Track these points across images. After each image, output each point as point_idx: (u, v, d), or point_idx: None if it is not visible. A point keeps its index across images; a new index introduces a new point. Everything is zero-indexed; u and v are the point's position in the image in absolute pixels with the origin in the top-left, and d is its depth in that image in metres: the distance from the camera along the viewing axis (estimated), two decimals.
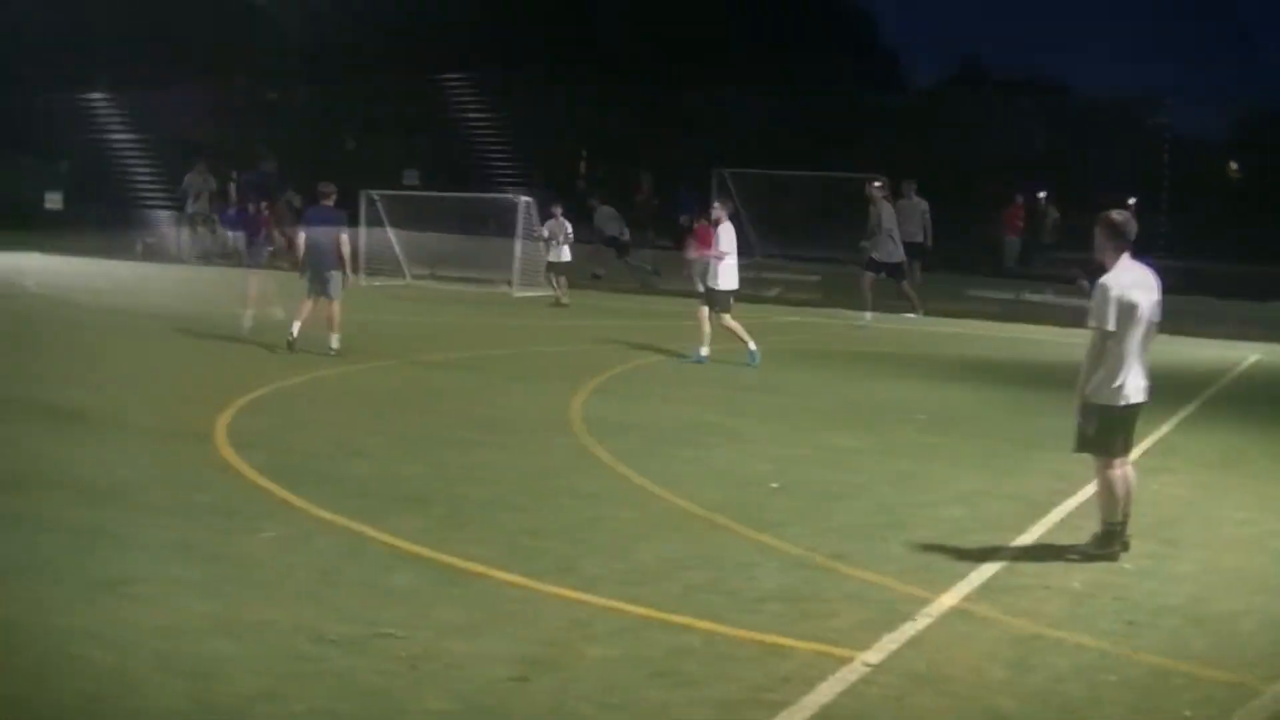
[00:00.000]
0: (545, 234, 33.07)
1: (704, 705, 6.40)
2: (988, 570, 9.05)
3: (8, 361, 18.02)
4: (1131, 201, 32.43)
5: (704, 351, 20.86)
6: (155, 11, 55.70)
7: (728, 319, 21.05)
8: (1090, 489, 11.03)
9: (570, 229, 33.16)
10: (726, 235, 20.92)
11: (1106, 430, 9.42)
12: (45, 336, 21.28)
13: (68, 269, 40.67)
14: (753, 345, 20.79)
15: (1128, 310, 9.25)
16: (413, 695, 6.34)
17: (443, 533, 9.44)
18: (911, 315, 30.49)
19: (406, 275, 37.61)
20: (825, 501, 11.11)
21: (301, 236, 20.11)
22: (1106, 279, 9.35)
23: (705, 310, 21.04)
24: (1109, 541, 9.48)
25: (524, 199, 35.81)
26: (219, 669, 6.57)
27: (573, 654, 6.99)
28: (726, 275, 20.98)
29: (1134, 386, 9.38)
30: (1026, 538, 10.12)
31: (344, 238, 19.88)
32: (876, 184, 29.57)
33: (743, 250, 22.20)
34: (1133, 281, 9.36)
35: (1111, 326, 9.20)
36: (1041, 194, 40.68)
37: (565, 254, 32.98)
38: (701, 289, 36.15)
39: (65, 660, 6.59)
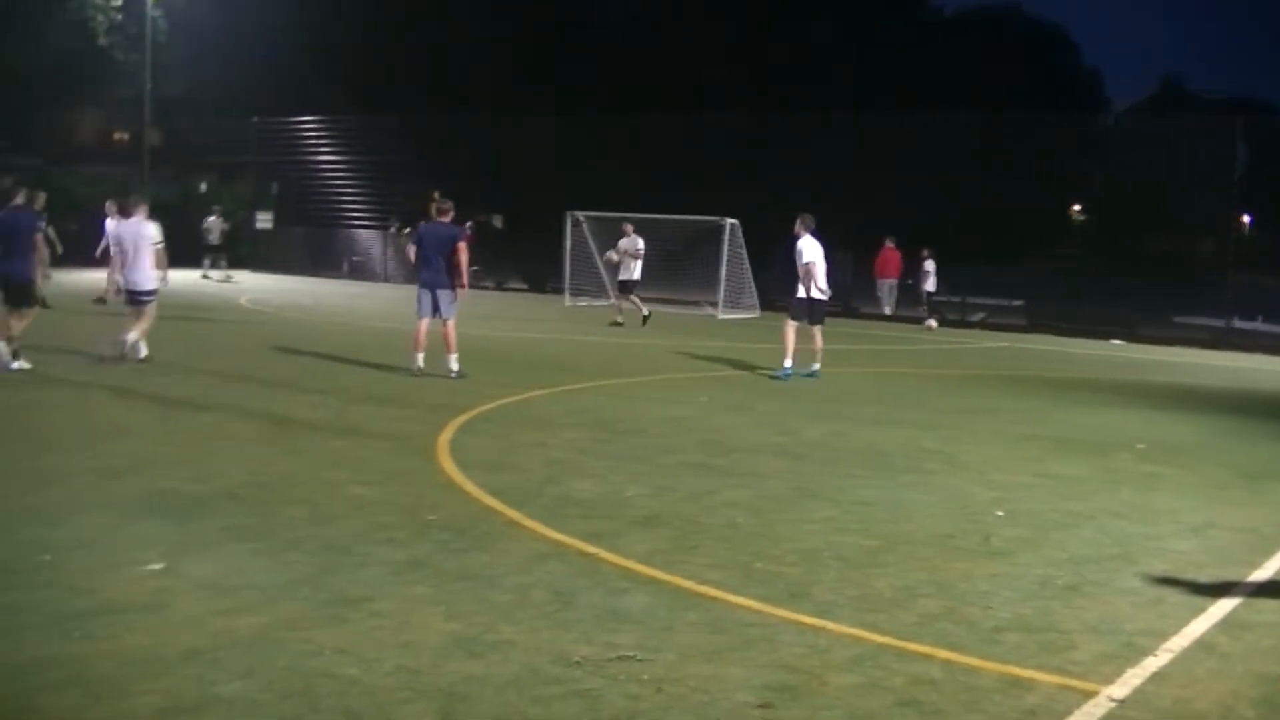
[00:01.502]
0: (619, 254, 32.75)
1: None
2: (1225, 605, 8.85)
3: (232, 378, 18.43)
4: None
5: (788, 364, 21.17)
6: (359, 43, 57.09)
7: (795, 329, 21.27)
8: None
9: (642, 245, 32.83)
10: (810, 247, 20.98)
11: None
12: (264, 352, 21.70)
13: (278, 286, 41.61)
14: (788, 364, 21.11)
15: None
16: (661, 719, 6.33)
17: (674, 555, 9.46)
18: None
19: (612, 297, 37.86)
20: (1052, 531, 10.95)
21: (411, 250, 19.92)
22: None
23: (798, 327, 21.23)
24: None
25: (730, 221, 35.80)
26: (465, 689, 6.62)
27: (815, 681, 6.95)
28: (822, 282, 21.10)
29: None
30: (1261, 572, 9.89)
31: (463, 259, 19.56)
32: None
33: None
34: None
35: None
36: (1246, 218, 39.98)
37: (636, 272, 32.62)
38: (890, 310, 36.10)
39: (319, 677, 6.69)
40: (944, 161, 40.81)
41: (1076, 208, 49.84)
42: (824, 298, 21.29)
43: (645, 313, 31.54)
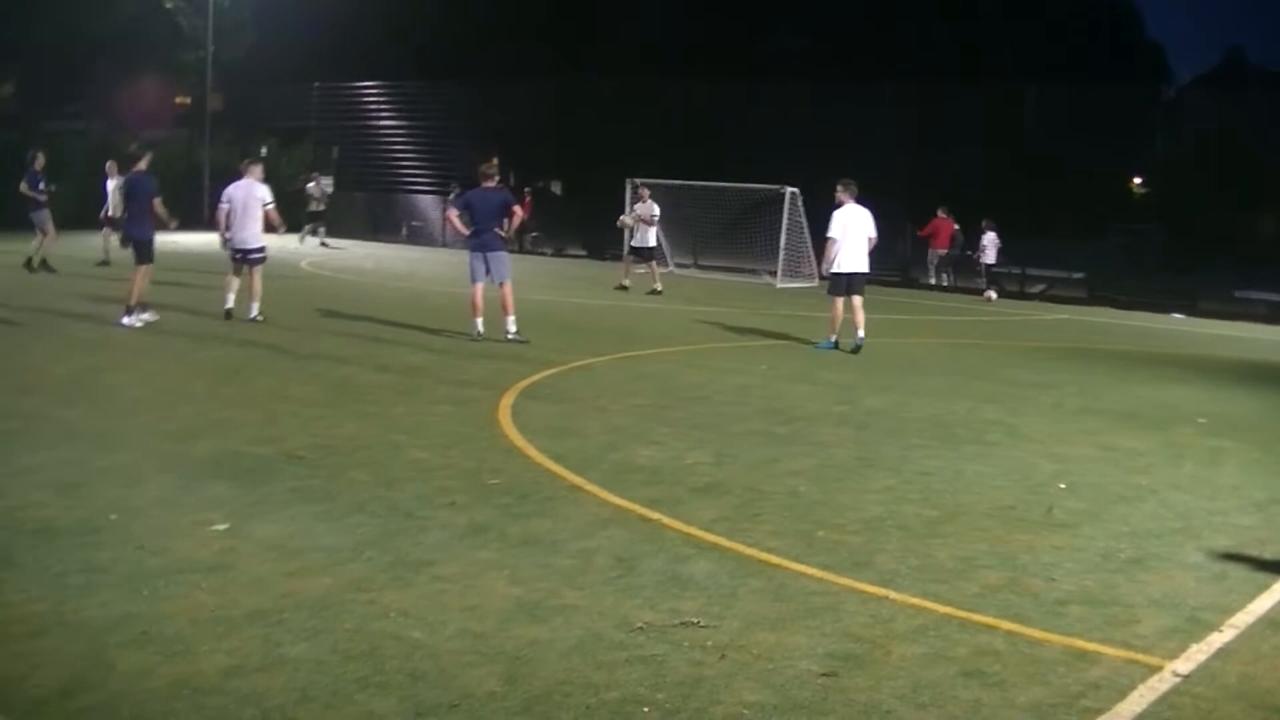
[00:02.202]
0: (636, 216, 32.31)
1: (1016, 708, 6.31)
2: None
3: (293, 341, 18.52)
4: None
5: (832, 339, 21.02)
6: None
7: (841, 304, 20.98)
8: None
9: (657, 211, 32.44)
10: (839, 220, 20.68)
11: None
12: (324, 315, 21.78)
13: (337, 250, 41.73)
14: (833, 338, 20.94)
15: None
16: (726, 685, 6.35)
17: (737, 523, 9.48)
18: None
19: (669, 264, 37.87)
20: (1114, 504, 10.90)
21: (452, 214, 20.35)
22: None
23: (844, 300, 20.97)
24: None
25: (790, 190, 35.66)
26: (529, 653, 6.66)
27: (878, 651, 6.96)
28: (842, 260, 20.72)
29: None
30: None
31: (514, 222, 20.11)
32: None
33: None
34: None
35: None
36: None
37: (652, 238, 32.21)
38: (935, 281, 35.77)
39: (384, 639, 6.74)
40: (1005, 133, 40.64)
41: (1137, 181, 49.48)
42: (855, 271, 20.82)
43: (627, 284, 31.44)
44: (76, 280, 25.98)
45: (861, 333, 20.60)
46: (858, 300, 20.80)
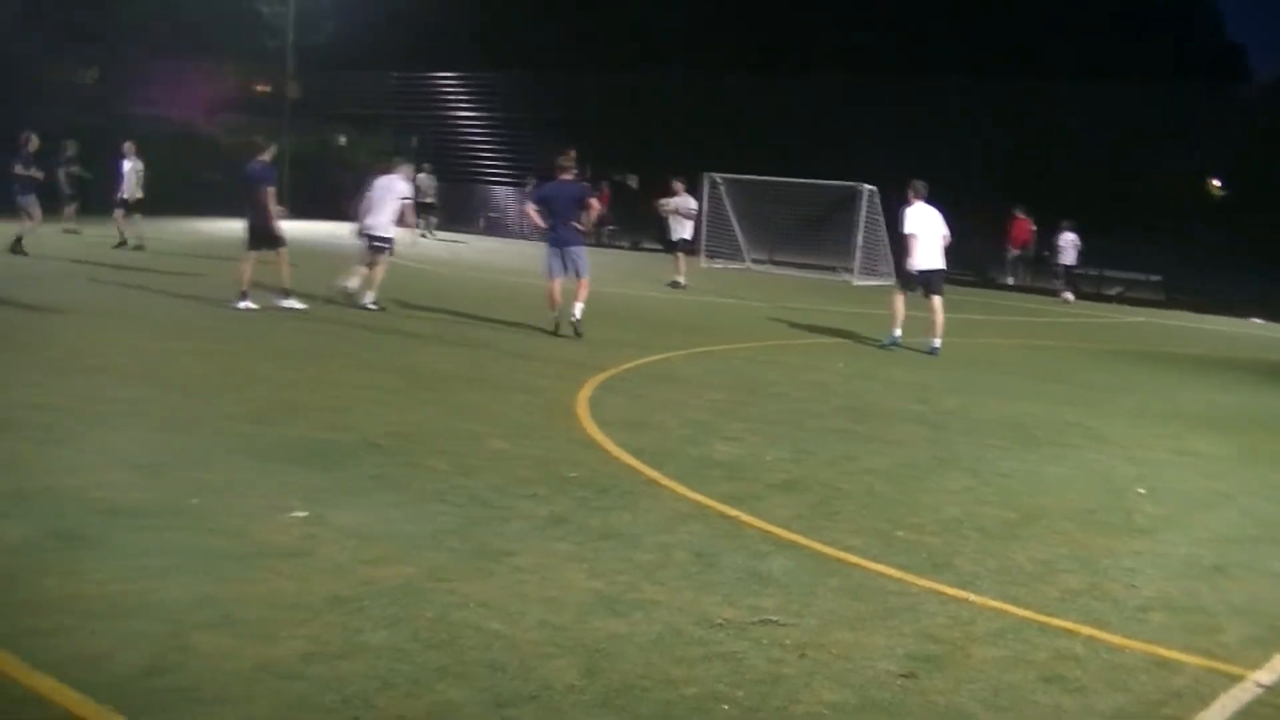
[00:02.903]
0: (673, 207, 32.15)
1: (1097, 715, 6.25)
2: None
3: (368, 328, 18.62)
4: None
5: (897, 333, 20.86)
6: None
7: (903, 300, 20.96)
8: None
9: (694, 205, 32.50)
10: (913, 217, 20.44)
11: None
12: (400, 304, 21.83)
13: (411, 241, 41.87)
14: (897, 331, 20.83)
15: None
16: (805, 684, 6.32)
17: (815, 520, 9.45)
18: None
19: (746, 260, 37.84)
20: (1195, 510, 10.82)
21: (530, 209, 20.80)
22: None
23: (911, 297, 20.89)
24: None
25: (867, 187, 35.56)
26: (608, 647, 6.64)
27: (958, 653, 6.91)
28: (918, 257, 20.45)
29: None
30: None
31: (592, 215, 20.16)
32: None
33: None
34: None
35: None
36: None
37: (687, 231, 32.14)
38: (1012, 280, 35.55)
39: (464, 628, 6.74)
40: (1084, 132, 40.40)
41: (1216, 182, 49.10)
42: (930, 269, 20.57)
43: (683, 281, 31.13)
44: (140, 264, 26.19)
45: (938, 341, 20.37)
46: (937, 301, 20.57)
